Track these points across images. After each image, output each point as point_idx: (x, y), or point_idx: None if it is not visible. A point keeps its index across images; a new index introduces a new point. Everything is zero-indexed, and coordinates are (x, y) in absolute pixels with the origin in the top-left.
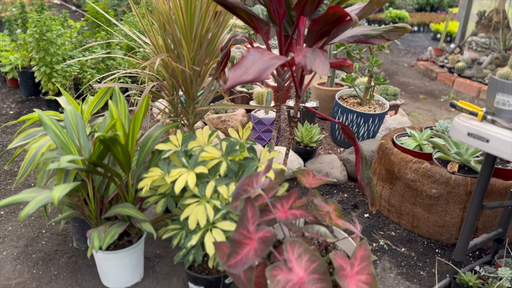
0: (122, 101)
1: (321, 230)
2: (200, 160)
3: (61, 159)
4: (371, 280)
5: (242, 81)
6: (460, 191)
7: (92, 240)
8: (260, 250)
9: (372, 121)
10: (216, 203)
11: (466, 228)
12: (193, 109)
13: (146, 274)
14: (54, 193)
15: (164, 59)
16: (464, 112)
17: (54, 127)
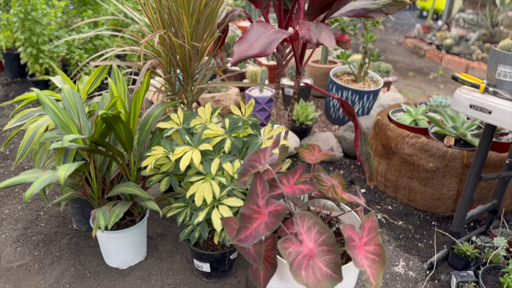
0: (121, 79)
1: (327, 203)
2: (203, 138)
3: (64, 138)
4: (379, 251)
5: (248, 55)
6: (456, 164)
7: (98, 220)
8: (271, 223)
9: (367, 98)
10: (221, 180)
11: (464, 199)
12: (191, 87)
13: (149, 253)
14: (59, 172)
15: (162, 35)
16: (466, 85)
17: (53, 106)
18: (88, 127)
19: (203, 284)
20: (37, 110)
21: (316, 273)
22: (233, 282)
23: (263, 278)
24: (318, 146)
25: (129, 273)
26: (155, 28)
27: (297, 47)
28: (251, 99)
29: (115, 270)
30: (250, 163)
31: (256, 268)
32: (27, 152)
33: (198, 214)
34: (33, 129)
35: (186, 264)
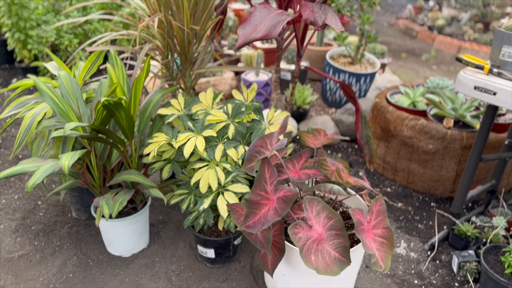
0: (119, 65)
1: (334, 188)
2: (206, 124)
3: (66, 126)
4: (388, 234)
5: (252, 38)
6: (455, 146)
7: (102, 209)
8: (281, 209)
9: (364, 81)
10: (226, 166)
11: (465, 180)
12: (190, 72)
13: (152, 240)
14: (63, 161)
15: (160, 18)
16: (470, 66)
17: (52, 94)
18: (87, 115)
19: (208, 269)
20: (33, 97)
21: (325, 257)
22: (237, 267)
23: (271, 263)
24: (324, 131)
25: (133, 261)
26: (151, 10)
27: (298, 29)
28: (250, 83)
29: (118, 258)
30: (256, 149)
31: (264, 254)
32: (25, 141)
33: (203, 201)
34: (30, 117)
35: (190, 250)
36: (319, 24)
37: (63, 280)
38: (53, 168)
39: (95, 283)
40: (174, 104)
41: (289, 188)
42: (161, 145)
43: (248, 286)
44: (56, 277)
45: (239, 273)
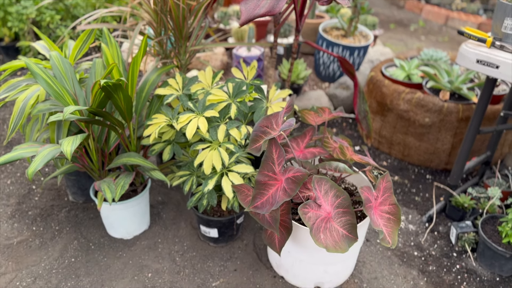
0: (113, 44)
1: (340, 166)
2: (208, 104)
3: (65, 110)
4: (394, 209)
5: (256, 14)
6: (452, 118)
7: (104, 193)
8: (290, 190)
9: (357, 54)
10: (229, 147)
11: (463, 153)
12: (185, 49)
13: (153, 221)
14: (65, 147)
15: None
16: (472, 39)
17: (45, 76)
18: (82, 96)
19: (211, 248)
20: (24, 79)
21: (333, 235)
22: (240, 245)
23: (278, 242)
24: (329, 108)
25: (135, 243)
26: None
27: (297, 2)
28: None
29: (119, 240)
30: (261, 129)
31: (271, 233)
32: (19, 125)
33: (207, 182)
34: (23, 101)
35: (192, 230)
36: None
37: (65, 265)
38: (53, 154)
39: (98, 267)
40: (172, 84)
41: (298, 168)
42: (162, 127)
43: (252, 263)
44: (58, 262)
45: (242, 251)
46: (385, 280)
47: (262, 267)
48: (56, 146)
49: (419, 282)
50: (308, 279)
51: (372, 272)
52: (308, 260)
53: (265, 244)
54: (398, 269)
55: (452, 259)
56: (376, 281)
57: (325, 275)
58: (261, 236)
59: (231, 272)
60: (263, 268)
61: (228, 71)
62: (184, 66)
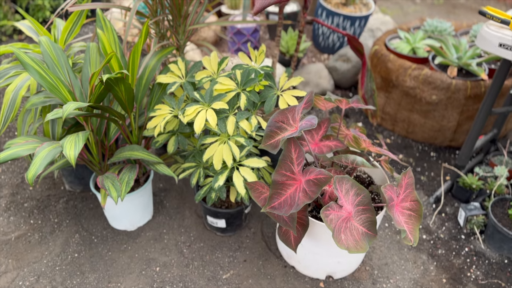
0: (109, 28)
1: (357, 159)
2: (215, 94)
3: (65, 108)
4: (416, 206)
5: (269, 3)
6: (459, 96)
7: (109, 192)
8: (312, 192)
9: (358, 24)
10: (240, 140)
11: (473, 134)
12: (184, 28)
13: (156, 210)
14: (68, 151)
15: None
16: (495, 20)
17: (37, 66)
18: (78, 86)
19: (219, 238)
20: (11, 66)
21: (353, 234)
22: (248, 234)
23: (294, 240)
24: (346, 99)
25: (139, 234)
26: None
27: None
28: (237, 29)
29: (123, 232)
30: (276, 124)
31: (286, 230)
32: (10, 119)
33: (218, 178)
34: (13, 91)
35: (197, 219)
36: None
37: (68, 261)
38: (53, 154)
39: (103, 262)
40: (174, 70)
41: (320, 170)
42: (169, 120)
43: (262, 253)
44: (61, 257)
45: (250, 240)
46: (396, 266)
47: (272, 256)
48: (56, 144)
49: (429, 267)
50: (321, 270)
51: (382, 258)
52: (322, 253)
53: (281, 240)
54: (407, 254)
55: (461, 241)
56: (387, 267)
57: (337, 265)
58: (268, 224)
59: (240, 263)
60: (273, 258)
61: (222, 42)
62: (182, 47)
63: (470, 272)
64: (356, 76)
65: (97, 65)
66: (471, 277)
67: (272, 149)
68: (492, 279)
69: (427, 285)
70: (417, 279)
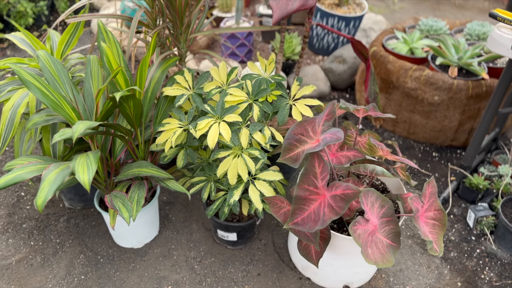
0: (111, 40)
1: (377, 169)
2: (227, 106)
3: (75, 130)
4: (440, 215)
5: (290, 10)
6: (461, 96)
7: (120, 212)
8: (339, 207)
9: (353, 25)
10: (254, 153)
11: (479, 135)
12: (186, 37)
13: (162, 225)
14: (81, 175)
15: None
16: (507, 23)
17: (38, 83)
18: (81, 103)
19: (230, 252)
20: (7, 82)
21: (378, 247)
22: (259, 246)
23: (315, 254)
24: (364, 108)
25: (147, 252)
26: None
27: None
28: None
29: (130, 250)
30: (296, 137)
31: (306, 245)
32: (9, 139)
33: (233, 193)
34: (11, 109)
35: (205, 232)
36: None
37: (75, 284)
38: (63, 176)
39: (112, 283)
40: (180, 82)
41: (347, 185)
42: (179, 135)
43: (275, 265)
44: (67, 281)
45: (262, 252)
46: (410, 272)
47: (286, 268)
48: (63, 166)
49: (443, 271)
50: (338, 281)
51: (396, 264)
52: (341, 265)
53: (301, 255)
54: (421, 259)
55: (472, 243)
56: (402, 274)
57: (355, 275)
58: (279, 234)
59: (255, 277)
60: (287, 270)
61: (215, 45)
62: (183, 56)
63: (483, 274)
64: (352, 77)
65: (99, 79)
66: (485, 279)
67: (292, 163)
68: (506, 280)
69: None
70: (432, 284)
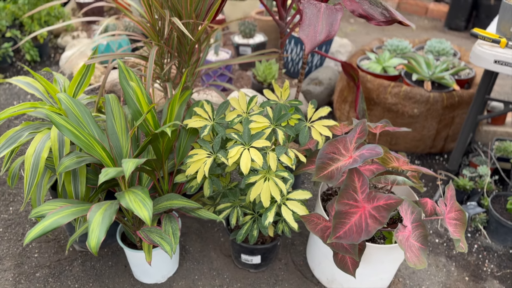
0: (134, 78)
1: (398, 179)
2: (253, 133)
3: (127, 167)
4: (460, 215)
5: (318, 41)
6: (437, 107)
7: (162, 246)
8: (382, 217)
9: (324, 49)
10: (283, 174)
11: (462, 141)
12: (193, 71)
13: (181, 257)
14: (140, 212)
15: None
16: (487, 40)
17: (70, 126)
18: (106, 142)
19: (253, 275)
20: (23, 128)
21: (413, 250)
22: (280, 266)
23: (351, 265)
24: (382, 124)
25: (171, 285)
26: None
27: None
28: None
29: (154, 286)
30: (328, 156)
31: (342, 257)
32: (34, 185)
33: (267, 215)
34: (33, 155)
35: (225, 258)
36: (380, 19)
37: None
38: (110, 215)
39: None
40: (200, 113)
41: (390, 195)
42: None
43: (300, 283)
44: None
45: (284, 271)
46: (422, 273)
47: (310, 284)
48: (106, 204)
49: (450, 268)
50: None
51: (408, 267)
52: (369, 273)
53: (337, 267)
54: (428, 259)
55: (469, 240)
56: (415, 275)
57: (379, 281)
58: (296, 252)
59: None
60: (312, 285)
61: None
62: (191, 88)
63: (485, 267)
64: (329, 98)
65: (121, 117)
66: (487, 271)
67: (327, 180)
68: (505, 269)
69: (454, 285)
70: (444, 281)
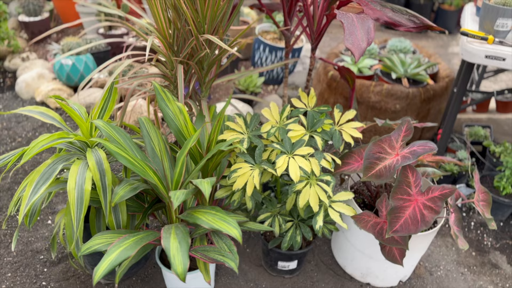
0: (171, 100)
1: (428, 170)
2: (294, 141)
3: (204, 188)
4: (486, 196)
5: (363, 48)
6: (416, 101)
7: (227, 263)
8: (437, 207)
9: (297, 55)
10: (327, 178)
11: (447, 130)
12: (210, 85)
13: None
14: (232, 231)
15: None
16: (476, 38)
17: (125, 153)
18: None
19: (289, 281)
20: (54, 161)
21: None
22: (312, 268)
23: (399, 255)
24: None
25: None
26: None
27: (312, 23)
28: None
29: None
30: (375, 156)
31: (390, 249)
32: (81, 218)
33: (316, 219)
34: (75, 189)
35: (257, 268)
36: (409, 25)
37: None
38: (185, 237)
39: None
40: (233, 127)
41: (443, 186)
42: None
43: (335, 281)
44: None
45: (317, 272)
46: (436, 254)
47: (345, 280)
48: (172, 227)
49: (458, 246)
50: (397, 277)
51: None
52: (405, 261)
53: (387, 259)
54: (437, 241)
55: (466, 219)
56: (431, 257)
57: (410, 268)
58: (322, 252)
59: None
60: (347, 281)
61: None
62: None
63: (485, 241)
64: None
65: (159, 139)
66: (488, 244)
67: (377, 179)
68: (502, 241)
69: (465, 261)
70: (456, 258)
